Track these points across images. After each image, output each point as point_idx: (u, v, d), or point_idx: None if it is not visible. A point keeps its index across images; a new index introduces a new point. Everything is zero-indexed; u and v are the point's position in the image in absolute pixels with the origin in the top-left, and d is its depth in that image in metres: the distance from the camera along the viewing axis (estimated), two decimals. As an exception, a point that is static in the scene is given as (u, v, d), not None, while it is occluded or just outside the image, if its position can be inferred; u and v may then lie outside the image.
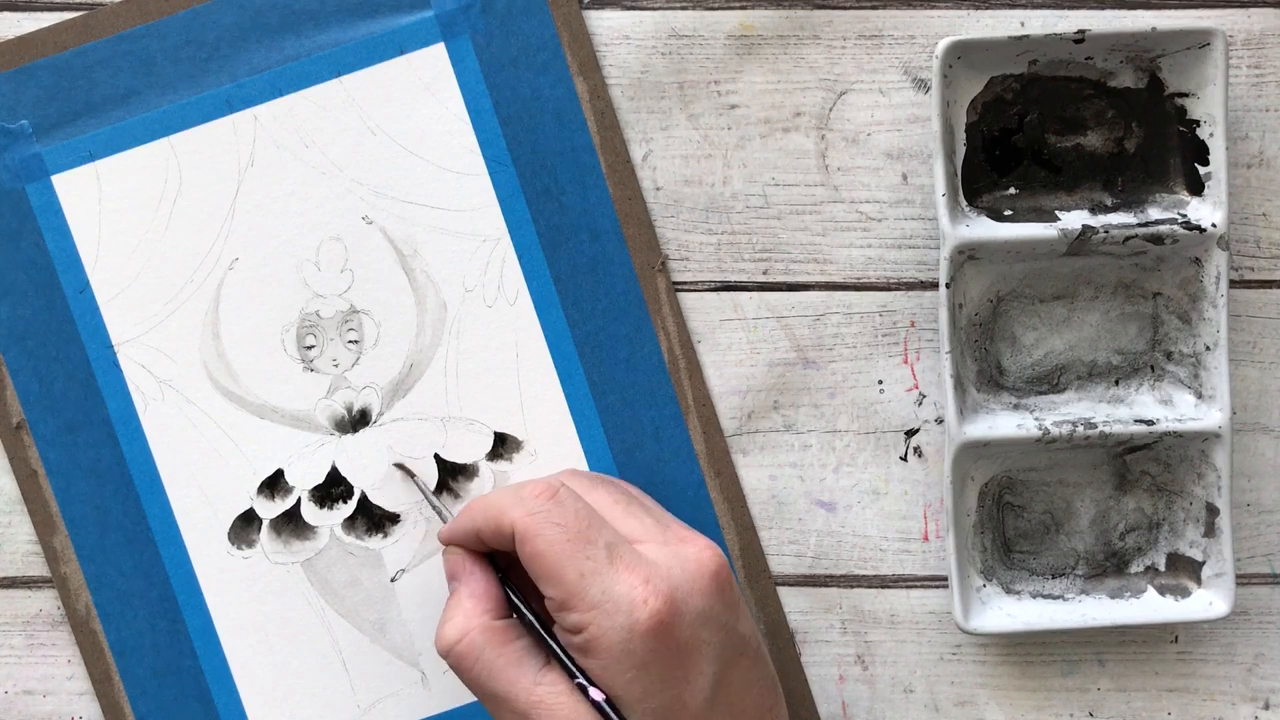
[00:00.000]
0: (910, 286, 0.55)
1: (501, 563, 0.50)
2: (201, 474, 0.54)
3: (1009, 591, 0.54)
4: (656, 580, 0.45)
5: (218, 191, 0.54)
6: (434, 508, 0.53)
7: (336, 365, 0.54)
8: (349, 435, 0.54)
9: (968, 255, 0.53)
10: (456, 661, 0.47)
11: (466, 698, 0.54)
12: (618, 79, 0.54)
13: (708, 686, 0.46)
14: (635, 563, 0.46)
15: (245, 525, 0.54)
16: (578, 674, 0.46)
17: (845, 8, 0.54)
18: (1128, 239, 0.52)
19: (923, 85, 0.54)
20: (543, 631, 0.48)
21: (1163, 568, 0.55)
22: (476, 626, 0.47)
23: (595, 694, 0.45)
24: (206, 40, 0.54)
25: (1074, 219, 0.53)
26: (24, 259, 0.54)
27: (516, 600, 0.49)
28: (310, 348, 0.54)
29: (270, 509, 0.54)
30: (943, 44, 0.51)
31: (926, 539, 0.55)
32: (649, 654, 0.45)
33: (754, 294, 0.55)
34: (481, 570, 0.49)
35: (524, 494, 0.47)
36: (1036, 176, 0.54)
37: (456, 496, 0.54)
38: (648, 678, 0.45)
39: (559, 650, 0.47)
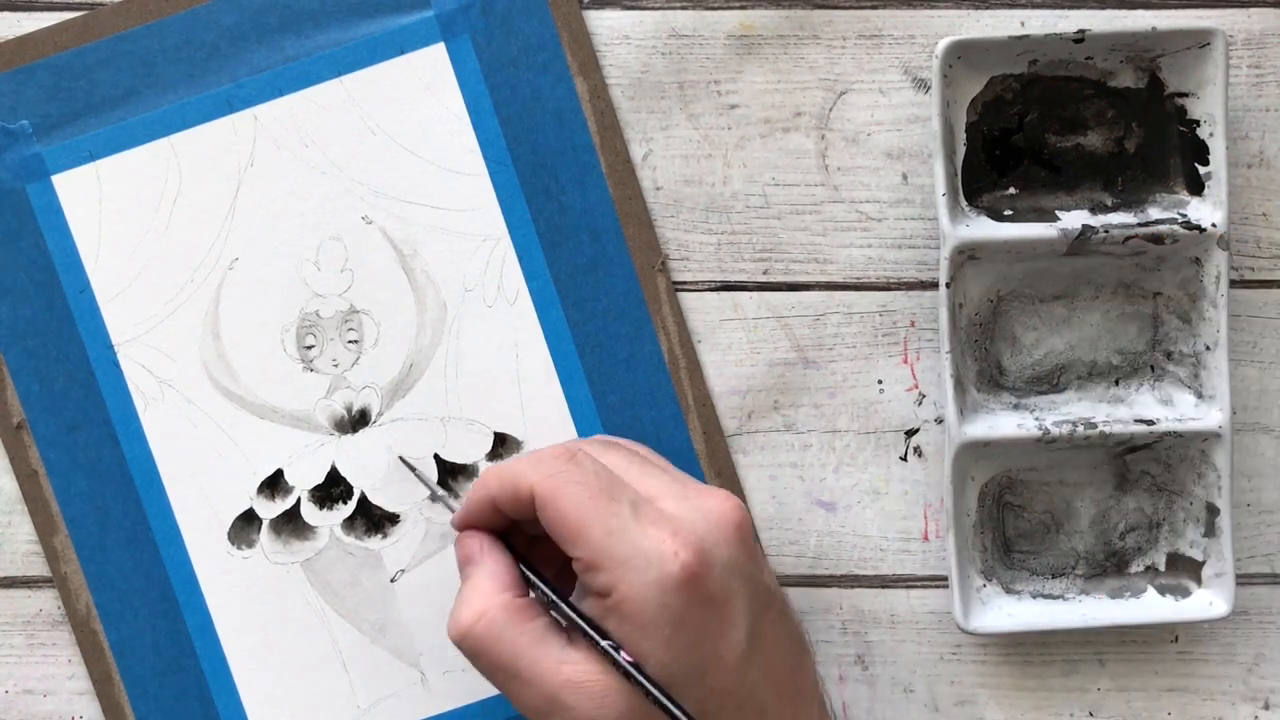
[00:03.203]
0: (910, 286, 0.55)
1: (516, 544, 0.49)
2: (201, 474, 0.54)
3: (1009, 591, 0.54)
4: (684, 533, 0.44)
5: (218, 191, 0.54)
6: (439, 498, 0.53)
7: (336, 365, 0.54)
8: (349, 435, 0.54)
9: (968, 255, 0.53)
10: (475, 644, 0.45)
11: (466, 698, 0.54)
12: (618, 79, 0.54)
13: (743, 639, 0.45)
14: (660, 517, 0.45)
15: (245, 525, 0.54)
16: (604, 640, 0.44)
17: (845, 8, 0.54)
18: (1128, 239, 0.52)
19: (923, 85, 0.54)
20: (566, 603, 0.46)
21: (1163, 568, 0.55)
22: (496, 604, 0.45)
23: (625, 656, 0.43)
24: (206, 40, 0.54)
25: (1074, 219, 0.53)
26: (24, 259, 0.54)
27: (533, 576, 0.47)
28: (310, 348, 0.54)
29: (270, 509, 0.54)
30: (943, 44, 0.51)
31: (926, 539, 0.55)
32: (684, 609, 0.43)
33: (754, 294, 0.55)
34: (499, 552, 0.48)
35: (541, 457, 0.46)
36: (1036, 176, 0.54)
37: (456, 496, 0.54)
38: (684, 635, 0.44)
39: (583, 621, 0.45)
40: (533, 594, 0.48)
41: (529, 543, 0.49)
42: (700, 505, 0.46)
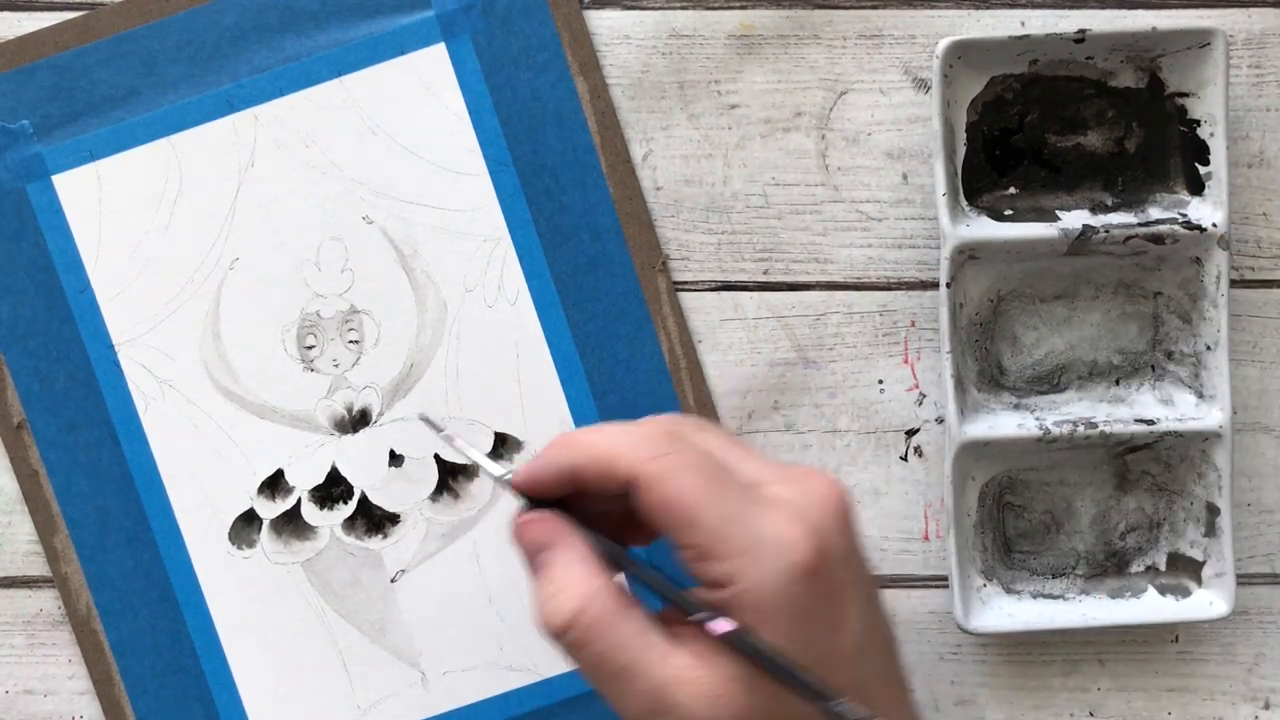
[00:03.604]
0: (910, 286, 0.55)
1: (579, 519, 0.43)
2: (202, 474, 0.54)
3: (1009, 591, 0.54)
4: (802, 519, 0.40)
5: (218, 191, 0.54)
6: (470, 459, 0.46)
7: (337, 365, 0.54)
8: (349, 435, 0.54)
9: (968, 255, 0.53)
10: (582, 635, 0.40)
11: (466, 698, 0.54)
12: (618, 79, 0.54)
13: (859, 630, 0.41)
14: (776, 503, 0.41)
15: (245, 525, 0.54)
16: (705, 613, 0.40)
17: (845, 8, 0.54)
18: (1128, 239, 0.52)
19: (923, 85, 0.54)
20: (665, 581, 0.42)
21: (1163, 567, 0.55)
22: (600, 590, 0.41)
23: (721, 625, 0.39)
24: (207, 40, 0.54)
25: (1074, 219, 0.53)
26: (24, 259, 0.54)
27: (623, 552, 0.42)
28: (310, 348, 0.54)
29: (270, 509, 0.54)
30: (943, 44, 0.51)
31: (927, 539, 0.55)
32: (808, 600, 0.39)
33: (754, 294, 0.55)
34: (579, 530, 0.42)
35: (639, 434, 0.42)
36: (1036, 176, 0.54)
37: (456, 497, 0.54)
38: (806, 627, 0.40)
39: (683, 599, 0.41)
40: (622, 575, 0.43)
41: (587, 520, 0.44)
42: (808, 488, 0.42)
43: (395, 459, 0.54)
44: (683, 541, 0.40)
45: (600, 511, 0.43)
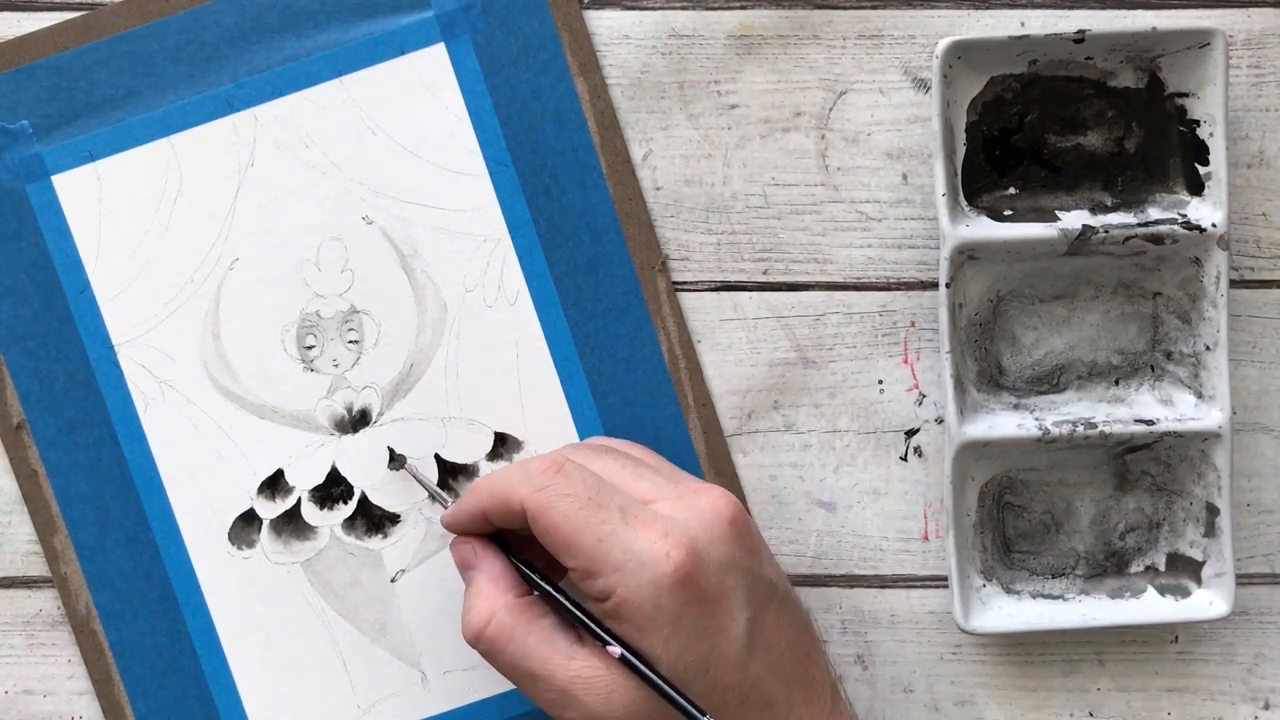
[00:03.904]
0: (910, 286, 0.55)
1: (511, 541, 0.50)
2: (202, 474, 0.54)
3: (1009, 591, 0.54)
4: (675, 533, 0.45)
5: (218, 191, 0.54)
6: (431, 494, 0.53)
7: (336, 365, 0.54)
8: (349, 435, 0.54)
9: (968, 255, 0.53)
10: (488, 646, 0.47)
11: (466, 698, 0.54)
12: (618, 79, 0.54)
13: (743, 633, 0.46)
14: (651, 519, 0.46)
15: (245, 525, 0.54)
16: (603, 634, 0.46)
17: (845, 8, 0.54)
18: (1128, 239, 0.52)
19: (923, 85, 0.54)
20: (565, 598, 0.47)
21: (1163, 568, 0.55)
22: (501, 607, 0.47)
23: (614, 649, 0.45)
24: (206, 40, 0.54)
25: (1074, 219, 0.53)
26: (24, 259, 0.54)
27: (532, 574, 0.48)
28: (310, 348, 0.54)
29: (270, 509, 0.54)
30: (943, 44, 0.51)
31: (926, 539, 0.55)
32: (679, 607, 0.45)
33: (754, 294, 0.55)
34: (494, 553, 0.49)
35: (530, 470, 0.47)
36: (1036, 176, 0.54)
37: (456, 496, 0.54)
38: (682, 632, 0.45)
39: (582, 614, 0.47)
40: (535, 593, 0.48)
41: (520, 539, 0.50)
42: (694, 504, 0.47)
43: (395, 459, 0.54)
44: (567, 564, 0.46)
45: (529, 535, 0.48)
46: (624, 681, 0.45)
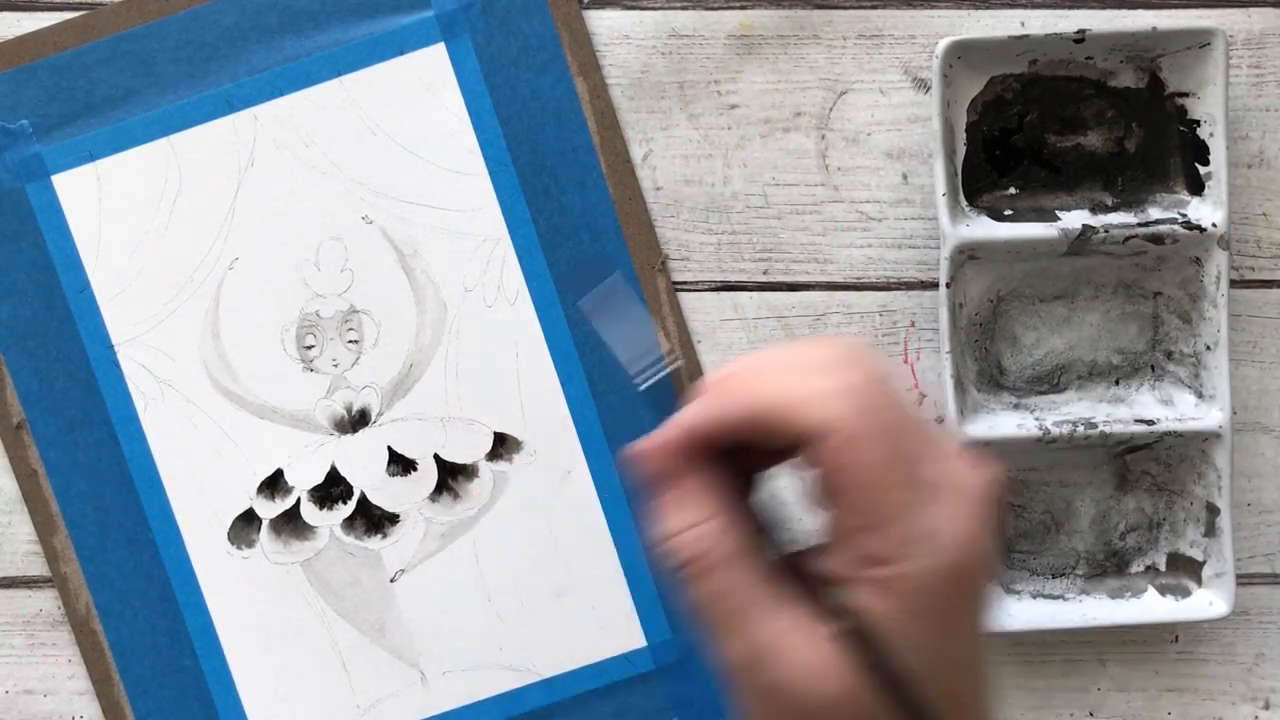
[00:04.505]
0: (910, 286, 0.55)
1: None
2: (201, 474, 0.54)
3: (1009, 591, 0.54)
4: (974, 516, 0.36)
5: (218, 191, 0.54)
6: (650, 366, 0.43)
7: (336, 365, 0.54)
8: (349, 435, 0.54)
9: (968, 255, 0.53)
10: (693, 575, 0.37)
11: (466, 698, 0.54)
12: (618, 79, 0.54)
13: (984, 641, 0.38)
14: (951, 492, 0.36)
15: (245, 525, 0.54)
16: (845, 617, 0.36)
17: (845, 8, 0.54)
18: (1128, 239, 0.52)
19: (923, 85, 0.54)
20: (791, 540, 0.39)
21: (1163, 568, 0.55)
22: (724, 524, 0.37)
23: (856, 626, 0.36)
24: (206, 40, 0.54)
25: (1074, 219, 0.53)
26: (24, 259, 0.54)
27: (773, 524, 0.39)
28: (310, 348, 0.54)
29: (270, 509, 0.54)
30: (943, 44, 0.51)
31: (926, 539, 0.55)
32: (963, 602, 0.37)
33: (754, 294, 0.55)
34: (714, 464, 0.38)
35: (823, 391, 0.36)
36: (1036, 176, 0.54)
37: (456, 496, 0.54)
38: (949, 630, 0.36)
39: (813, 573, 0.37)
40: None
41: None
42: (976, 480, 0.37)
43: (395, 458, 0.54)
44: (847, 510, 0.36)
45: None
46: (831, 660, 0.36)
